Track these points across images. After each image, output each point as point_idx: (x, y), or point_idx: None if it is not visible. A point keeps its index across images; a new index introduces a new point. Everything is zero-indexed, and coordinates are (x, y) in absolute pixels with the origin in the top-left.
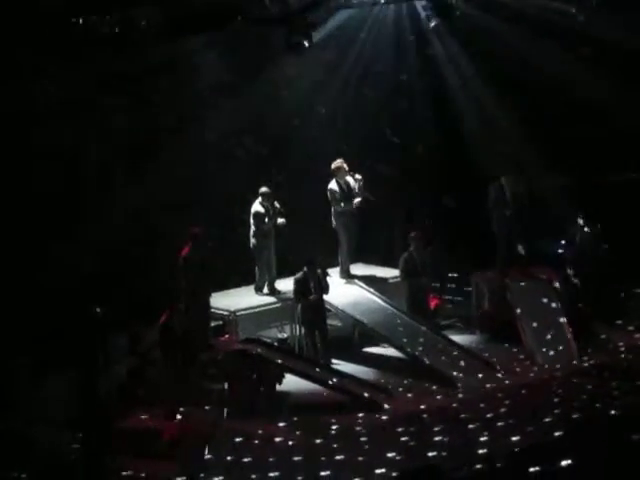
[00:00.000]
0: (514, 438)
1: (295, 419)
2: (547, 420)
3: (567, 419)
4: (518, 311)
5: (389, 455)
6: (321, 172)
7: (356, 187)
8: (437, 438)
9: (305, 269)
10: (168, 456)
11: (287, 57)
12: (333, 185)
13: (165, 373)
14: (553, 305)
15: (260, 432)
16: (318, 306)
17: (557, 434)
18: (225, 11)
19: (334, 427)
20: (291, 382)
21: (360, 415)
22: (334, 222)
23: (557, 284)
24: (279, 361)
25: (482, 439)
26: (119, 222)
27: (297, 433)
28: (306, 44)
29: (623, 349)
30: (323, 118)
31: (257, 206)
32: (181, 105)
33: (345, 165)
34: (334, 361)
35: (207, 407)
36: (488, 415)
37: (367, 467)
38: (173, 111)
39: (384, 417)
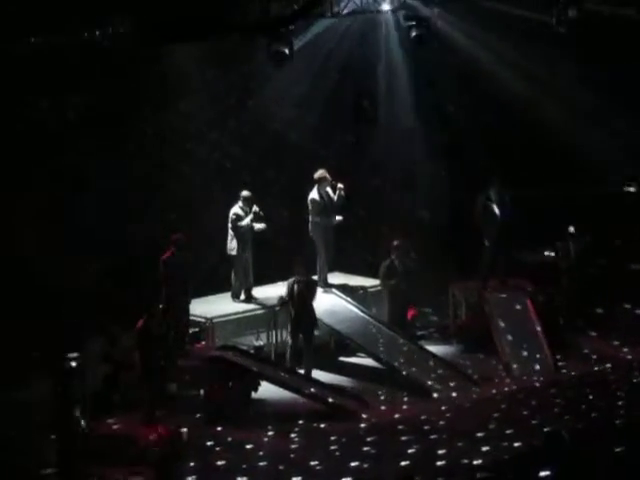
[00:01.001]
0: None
1: (268, 426)
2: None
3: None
4: (495, 322)
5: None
6: (305, 180)
7: (335, 197)
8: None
9: (297, 275)
10: (144, 462)
11: (268, 66)
12: (314, 195)
13: (141, 378)
14: (530, 317)
15: (230, 439)
16: (307, 311)
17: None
18: (206, 20)
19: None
20: (267, 390)
21: (333, 423)
22: (311, 232)
23: (536, 295)
24: (255, 369)
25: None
26: (97, 225)
27: (265, 440)
28: (287, 53)
29: (606, 363)
30: (306, 127)
31: (236, 209)
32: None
33: (328, 175)
34: None
35: (183, 413)
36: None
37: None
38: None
39: (361, 425)
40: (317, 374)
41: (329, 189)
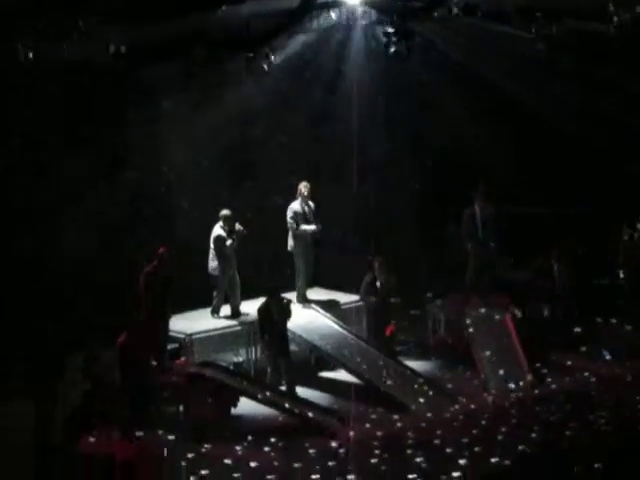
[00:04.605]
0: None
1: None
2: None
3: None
4: (473, 338)
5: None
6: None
7: (314, 210)
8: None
9: (267, 299)
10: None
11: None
12: (297, 206)
13: (121, 394)
14: (509, 333)
15: (208, 455)
16: (283, 335)
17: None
18: (187, 36)
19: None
20: (246, 406)
21: (311, 439)
22: (292, 245)
23: (516, 312)
24: (234, 385)
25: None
26: (76, 239)
27: (243, 455)
28: (266, 67)
29: (590, 377)
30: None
31: (218, 230)
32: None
33: (309, 189)
34: None
35: (161, 430)
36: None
37: None
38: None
39: (337, 441)
40: (297, 390)
41: (311, 203)
